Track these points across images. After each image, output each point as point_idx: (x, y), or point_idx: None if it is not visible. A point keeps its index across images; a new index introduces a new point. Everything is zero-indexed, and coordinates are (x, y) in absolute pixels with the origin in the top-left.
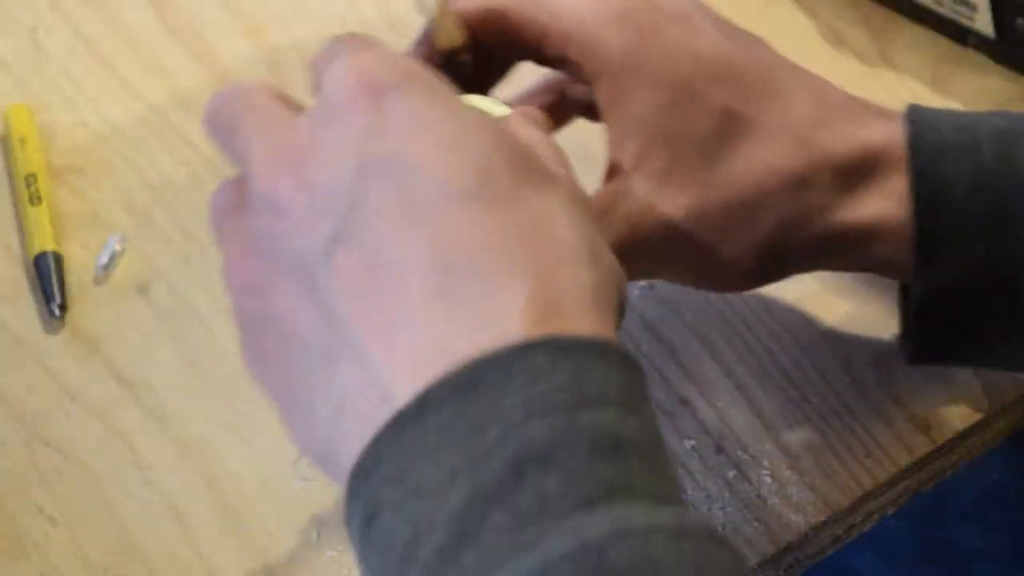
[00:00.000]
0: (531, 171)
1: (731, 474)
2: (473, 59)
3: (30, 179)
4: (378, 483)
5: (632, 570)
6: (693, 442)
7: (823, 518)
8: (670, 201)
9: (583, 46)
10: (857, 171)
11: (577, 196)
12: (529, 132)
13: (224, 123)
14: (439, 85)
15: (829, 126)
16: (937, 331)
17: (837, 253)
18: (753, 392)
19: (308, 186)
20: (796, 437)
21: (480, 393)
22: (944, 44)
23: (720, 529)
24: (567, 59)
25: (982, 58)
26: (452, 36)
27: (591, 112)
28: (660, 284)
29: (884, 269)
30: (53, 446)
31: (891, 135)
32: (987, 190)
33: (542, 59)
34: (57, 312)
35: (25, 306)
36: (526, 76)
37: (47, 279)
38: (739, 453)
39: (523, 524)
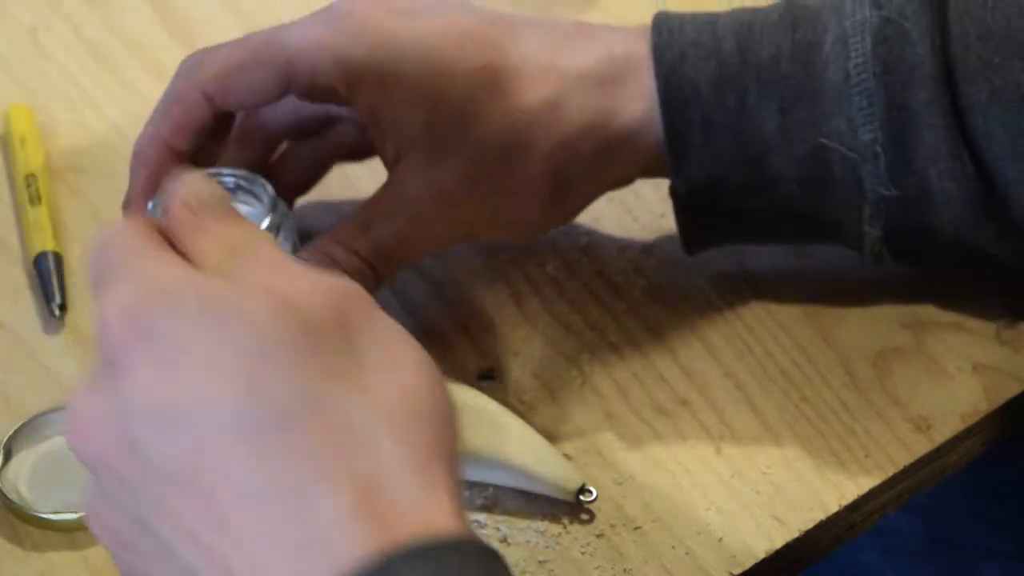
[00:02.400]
0: (321, 362)
1: (730, 475)
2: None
3: (30, 179)
4: None
5: None
6: (693, 442)
7: (822, 518)
8: (443, 173)
9: (333, 73)
10: (608, 80)
11: (389, 350)
12: (325, 286)
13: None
14: (210, 296)
15: (568, 48)
16: (703, 220)
17: (613, 161)
18: (753, 392)
19: (125, 452)
20: (795, 437)
21: None
22: None
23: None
24: (322, 90)
25: None
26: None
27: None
28: (659, 283)
29: (652, 171)
30: None
31: (635, 43)
32: (729, 85)
33: (306, 96)
34: (57, 312)
35: (25, 306)
36: None
37: (47, 279)
38: (739, 453)
39: None
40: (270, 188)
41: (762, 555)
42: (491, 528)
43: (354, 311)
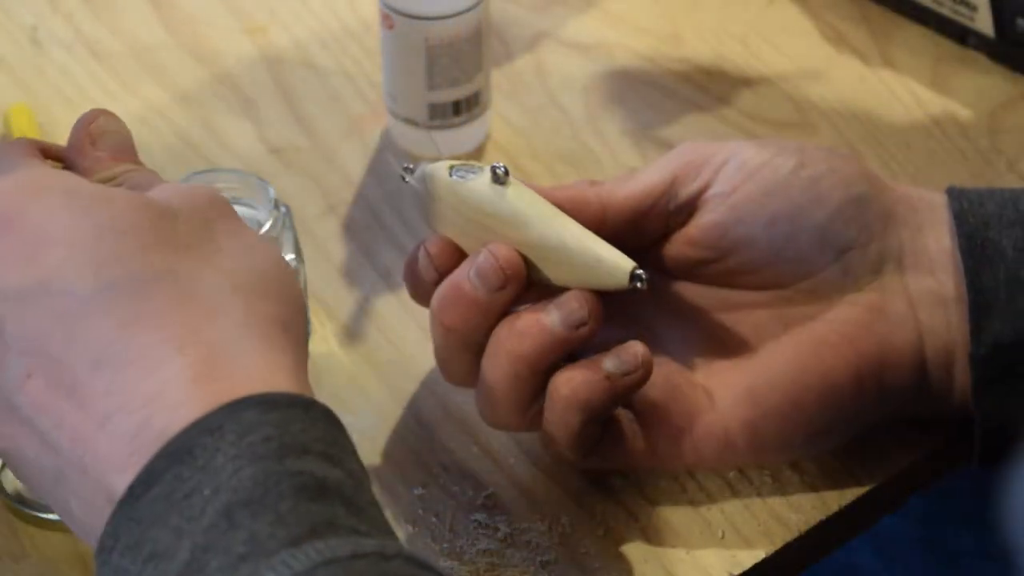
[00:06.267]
0: (177, 240)
1: (731, 474)
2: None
3: None
4: (119, 555)
5: None
6: None
7: (823, 518)
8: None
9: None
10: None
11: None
12: (191, 190)
13: None
14: (74, 188)
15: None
16: (1006, 391)
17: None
18: None
19: None
20: None
21: (196, 456)
22: (944, 44)
23: (425, 554)
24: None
25: (982, 58)
26: None
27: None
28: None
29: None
30: None
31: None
32: None
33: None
34: None
35: None
36: None
37: None
38: None
39: (238, 564)
40: (271, 190)
41: (763, 555)
42: (493, 527)
43: (217, 209)
